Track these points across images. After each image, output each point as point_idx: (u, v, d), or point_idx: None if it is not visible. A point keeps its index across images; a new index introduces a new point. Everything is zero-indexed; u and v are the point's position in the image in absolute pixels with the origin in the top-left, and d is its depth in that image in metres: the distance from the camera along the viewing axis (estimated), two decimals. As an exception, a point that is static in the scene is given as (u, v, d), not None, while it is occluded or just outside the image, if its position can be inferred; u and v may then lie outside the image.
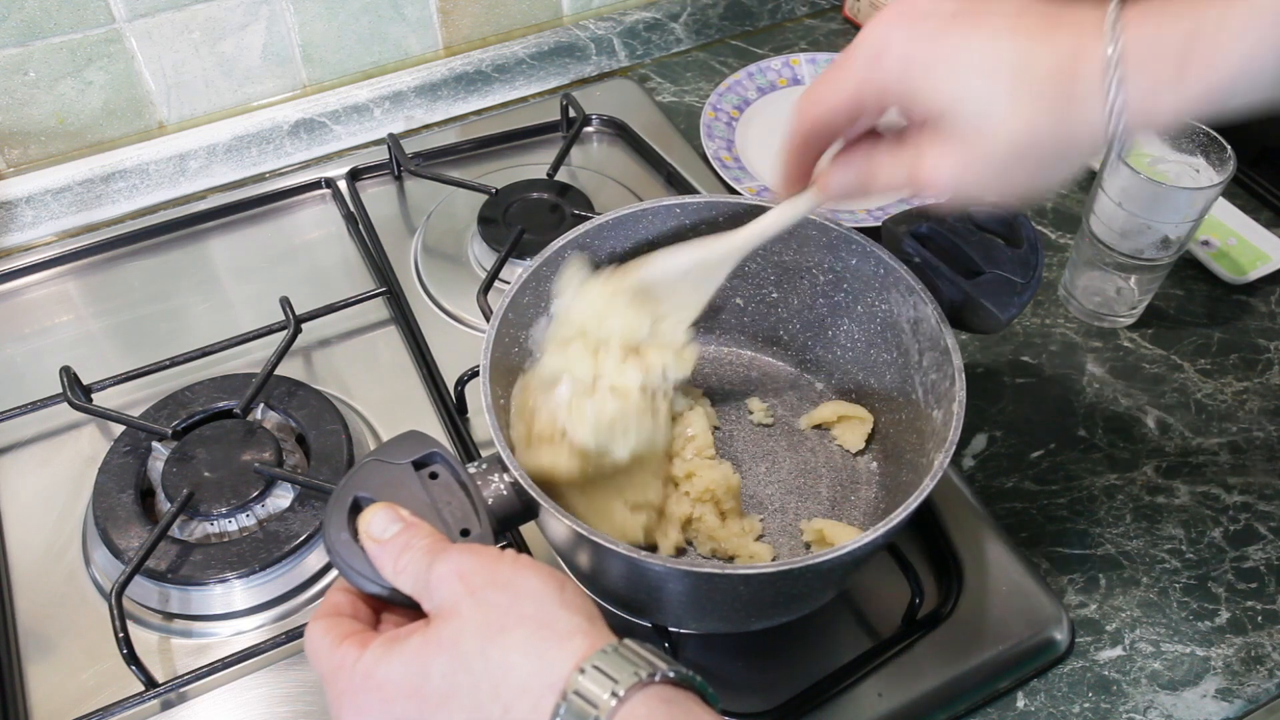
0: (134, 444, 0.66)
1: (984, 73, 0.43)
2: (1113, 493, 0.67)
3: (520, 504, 0.50)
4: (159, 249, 0.83)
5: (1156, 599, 0.62)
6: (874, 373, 0.64)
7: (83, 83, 0.81)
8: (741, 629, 0.58)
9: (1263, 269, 0.78)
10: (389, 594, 0.44)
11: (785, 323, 0.68)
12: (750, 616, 0.55)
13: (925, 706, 0.57)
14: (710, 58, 1.01)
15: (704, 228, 0.62)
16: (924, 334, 0.58)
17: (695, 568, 0.52)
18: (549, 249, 0.60)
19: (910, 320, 0.59)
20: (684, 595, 0.52)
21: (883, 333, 0.62)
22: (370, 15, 0.88)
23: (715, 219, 0.62)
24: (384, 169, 0.88)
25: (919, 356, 0.59)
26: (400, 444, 0.49)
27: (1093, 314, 0.76)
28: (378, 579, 0.44)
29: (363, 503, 0.47)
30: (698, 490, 0.60)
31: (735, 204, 0.62)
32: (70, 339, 0.77)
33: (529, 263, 0.59)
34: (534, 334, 0.61)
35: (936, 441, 0.54)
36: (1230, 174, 0.66)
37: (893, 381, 0.62)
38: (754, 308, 0.68)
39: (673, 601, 0.53)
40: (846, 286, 0.63)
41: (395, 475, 0.48)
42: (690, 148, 0.90)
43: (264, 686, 0.58)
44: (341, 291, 0.76)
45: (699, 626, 0.58)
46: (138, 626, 0.60)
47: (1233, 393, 0.72)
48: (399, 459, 0.48)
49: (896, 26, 0.44)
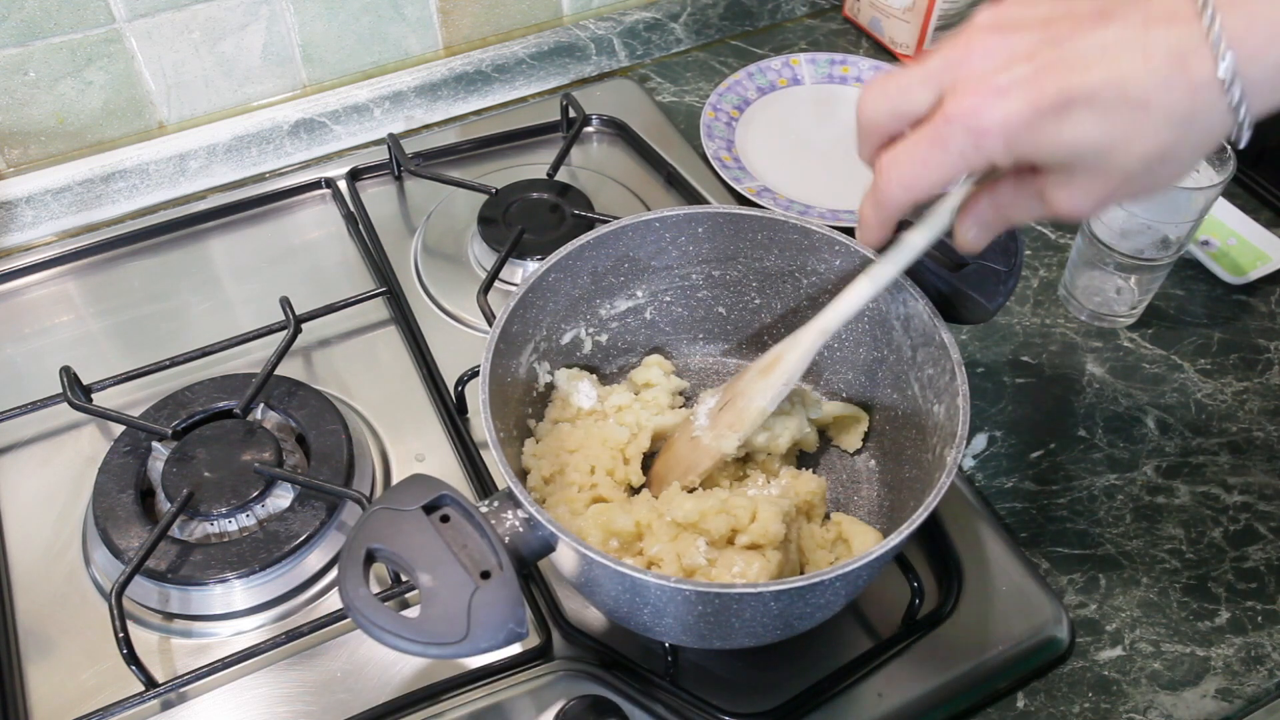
0: (134, 444, 0.66)
1: (1095, 115, 0.40)
2: (1113, 493, 0.67)
3: (537, 539, 0.48)
4: (159, 249, 0.83)
5: (1156, 599, 0.62)
6: (866, 371, 0.64)
7: (83, 83, 0.81)
8: (773, 640, 0.56)
9: (1263, 269, 0.78)
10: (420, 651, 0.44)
11: (770, 329, 0.68)
12: (779, 629, 0.53)
13: (925, 706, 0.57)
14: (710, 58, 1.01)
15: (683, 240, 0.63)
16: (916, 330, 0.58)
17: (762, 587, 0.47)
18: (542, 267, 0.60)
19: (900, 317, 0.59)
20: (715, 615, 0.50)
21: (871, 331, 0.62)
22: (370, 15, 0.88)
23: (694, 230, 0.63)
24: (384, 169, 0.88)
25: (912, 353, 0.59)
26: (407, 489, 0.48)
27: (1093, 314, 0.76)
28: (402, 632, 0.43)
29: (377, 555, 0.46)
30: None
31: (715, 213, 0.62)
32: (70, 339, 0.77)
33: (512, 295, 0.58)
34: (524, 360, 0.61)
35: (943, 437, 0.54)
36: (1230, 174, 0.66)
37: (886, 379, 0.62)
38: (737, 315, 0.68)
39: (690, 622, 0.51)
40: (831, 289, 0.62)
41: (406, 522, 0.46)
42: (690, 148, 0.90)
43: (264, 686, 0.58)
44: (341, 291, 0.76)
45: (729, 644, 0.56)
46: (138, 626, 0.60)
47: (1233, 393, 0.72)
48: (408, 505, 0.47)
49: (984, 98, 0.42)
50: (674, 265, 0.65)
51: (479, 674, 0.58)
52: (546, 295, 0.61)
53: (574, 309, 0.64)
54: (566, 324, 0.64)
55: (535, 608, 0.60)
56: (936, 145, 0.43)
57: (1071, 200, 0.44)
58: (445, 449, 0.69)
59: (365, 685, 0.58)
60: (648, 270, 0.65)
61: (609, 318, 0.66)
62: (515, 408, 0.61)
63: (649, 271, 0.65)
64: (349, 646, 0.59)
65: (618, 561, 0.47)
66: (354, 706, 0.56)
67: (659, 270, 0.65)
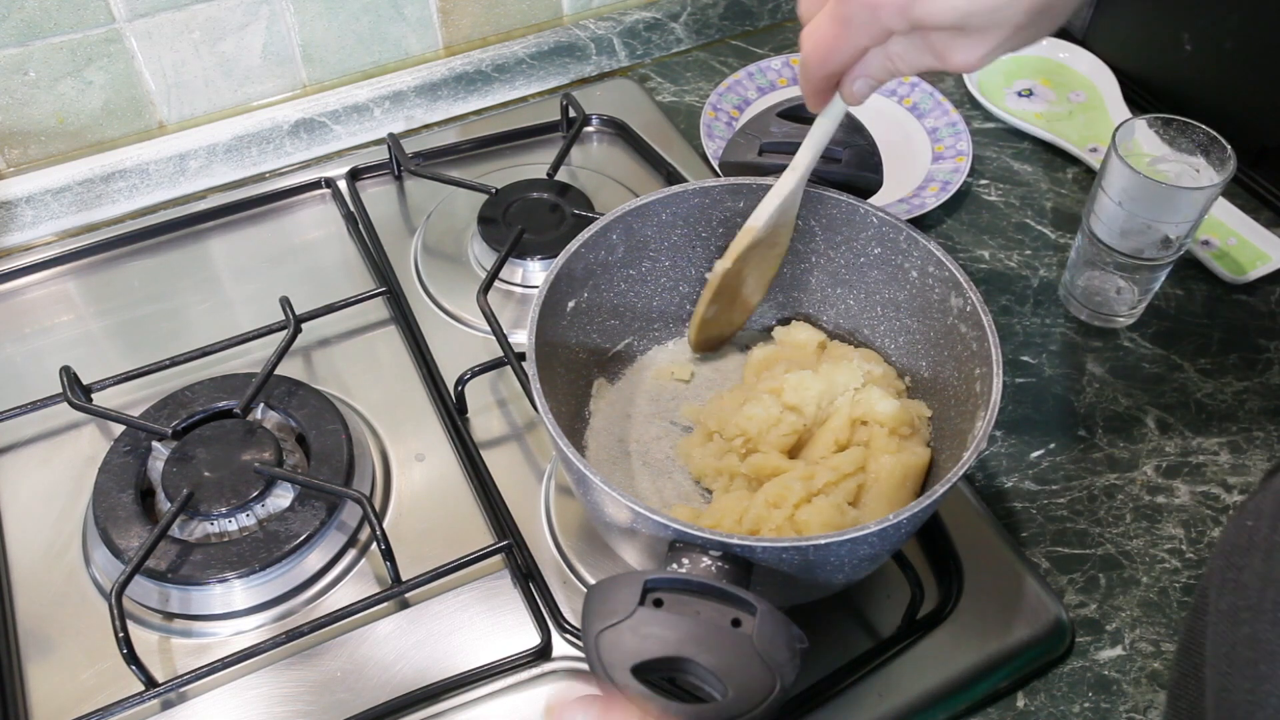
0: (134, 444, 0.66)
1: None
2: (1113, 493, 0.67)
3: (735, 560, 0.47)
4: (159, 249, 0.83)
5: (1156, 599, 0.62)
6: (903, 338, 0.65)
7: (83, 83, 0.81)
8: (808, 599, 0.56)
9: (1263, 269, 0.78)
10: None
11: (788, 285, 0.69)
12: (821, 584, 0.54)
13: (925, 706, 0.57)
14: (710, 57, 1.01)
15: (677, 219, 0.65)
16: (939, 292, 0.60)
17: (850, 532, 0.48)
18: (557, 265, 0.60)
19: (920, 273, 0.61)
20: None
21: (910, 298, 0.63)
22: (370, 15, 0.88)
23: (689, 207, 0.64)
24: (384, 169, 0.88)
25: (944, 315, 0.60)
26: (610, 597, 0.45)
27: (1093, 314, 0.76)
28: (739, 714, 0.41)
29: (656, 671, 0.44)
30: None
31: (697, 189, 0.64)
32: (70, 339, 0.77)
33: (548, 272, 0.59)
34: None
35: (973, 405, 0.55)
36: (1230, 174, 0.66)
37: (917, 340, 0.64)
38: None
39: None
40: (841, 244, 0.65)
41: (644, 628, 0.44)
42: (690, 148, 0.90)
43: (264, 686, 0.58)
44: (341, 291, 0.76)
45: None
46: (138, 626, 0.60)
47: (1233, 393, 0.72)
48: (625, 612, 0.44)
49: None
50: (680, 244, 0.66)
51: (479, 674, 0.58)
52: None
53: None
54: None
55: (535, 608, 0.60)
56: (839, 21, 0.49)
57: (965, 55, 0.48)
58: (445, 449, 0.69)
59: (365, 685, 0.58)
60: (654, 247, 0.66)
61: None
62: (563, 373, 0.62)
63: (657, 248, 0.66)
64: (349, 646, 0.59)
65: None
66: (354, 706, 0.57)
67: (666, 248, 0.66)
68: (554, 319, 0.60)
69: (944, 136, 0.89)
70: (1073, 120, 0.91)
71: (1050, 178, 0.88)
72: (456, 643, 0.60)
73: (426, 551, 0.63)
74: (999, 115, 0.92)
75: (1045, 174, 0.88)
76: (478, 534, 0.64)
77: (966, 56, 0.47)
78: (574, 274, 0.61)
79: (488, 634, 0.60)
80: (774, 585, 0.50)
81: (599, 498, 0.51)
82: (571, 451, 0.50)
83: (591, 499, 0.53)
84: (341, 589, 0.62)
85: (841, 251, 0.65)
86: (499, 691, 0.58)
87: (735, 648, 0.44)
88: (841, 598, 0.60)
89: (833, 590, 0.55)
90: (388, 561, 0.60)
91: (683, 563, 0.47)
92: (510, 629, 0.60)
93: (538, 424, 0.70)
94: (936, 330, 0.61)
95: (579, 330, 0.64)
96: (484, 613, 0.61)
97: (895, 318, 0.65)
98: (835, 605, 0.60)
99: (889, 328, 0.65)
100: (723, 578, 0.46)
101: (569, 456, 0.50)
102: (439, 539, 0.64)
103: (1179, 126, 0.69)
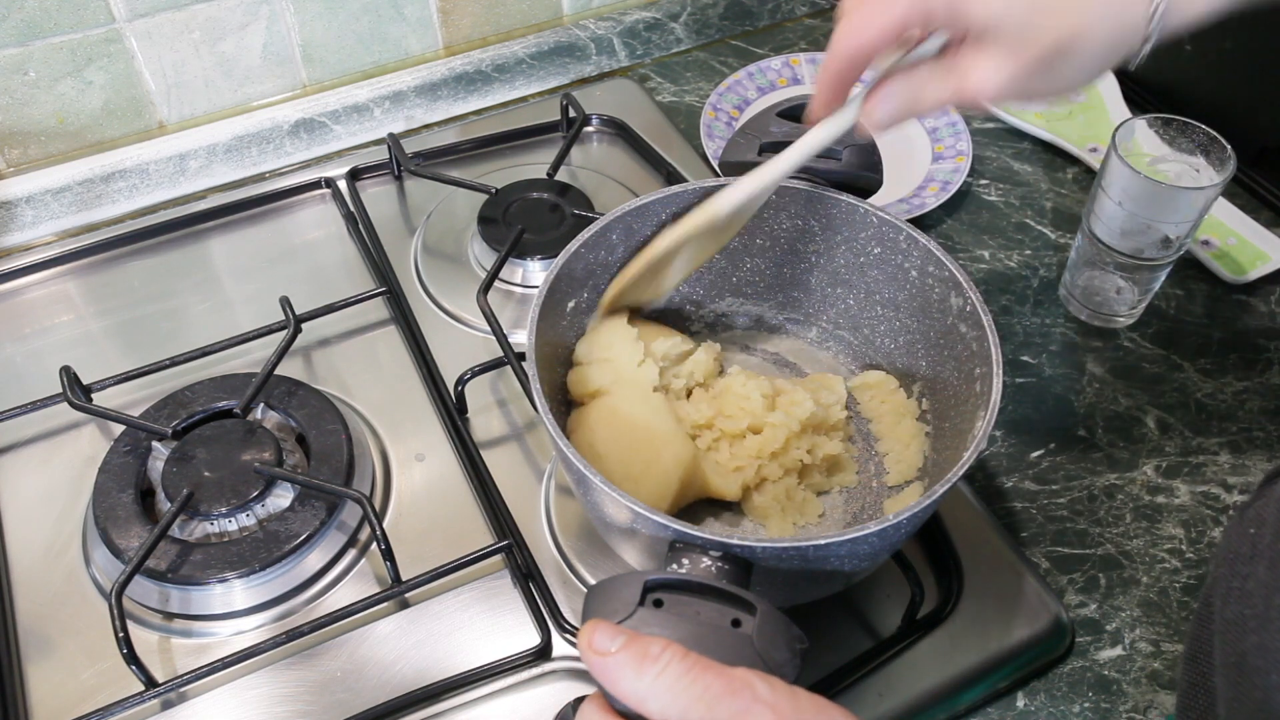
0: (134, 444, 0.66)
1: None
2: (1113, 493, 0.67)
3: (736, 560, 0.47)
4: (159, 249, 0.83)
5: (1156, 599, 0.62)
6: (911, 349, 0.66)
7: (83, 83, 0.81)
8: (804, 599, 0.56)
9: (1263, 269, 0.78)
10: None
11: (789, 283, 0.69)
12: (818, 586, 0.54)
13: (925, 706, 0.57)
14: (710, 58, 1.01)
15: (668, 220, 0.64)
16: (939, 292, 0.60)
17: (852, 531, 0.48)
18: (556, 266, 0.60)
19: (919, 273, 0.61)
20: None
21: (910, 298, 0.63)
22: (370, 15, 0.88)
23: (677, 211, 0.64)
24: (384, 169, 0.88)
25: (946, 318, 0.60)
26: (611, 596, 0.45)
27: (1093, 314, 0.76)
28: None
29: None
30: None
31: (697, 189, 0.63)
32: (70, 339, 0.77)
33: (545, 276, 0.59)
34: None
35: (975, 403, 0.55)
36: (1230, 174, 0.66)
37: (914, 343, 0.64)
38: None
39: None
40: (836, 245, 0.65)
41: (644, 628, 0.44)
42: (690, 148, 0.90)
43: (264, 686, 0.58)
44: (341, 291, 0.76)
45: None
46: (138, 626, 0.60)
47: (1233, 393, 0.72)
48: (626, 610, 0.44)
49: None
50: None
51: (479, 674, 0.58)
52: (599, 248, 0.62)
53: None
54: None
55: (535, 608, 0.60)
56: None
57: (985, 75, 0.48)
58: (445, 449, 0.69)
59: (365, 685, 0.58)
60: None
61: None
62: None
63: None
64: (349, 646, 0.59)
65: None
66: (354, 706, 0.56)
67: None
68: (554, 319, 0.60)
69: (944, 136, 0.89)
70: (1073, 120, 0.91)
71: (1050, 178, 0.88)
72: (456, 643, 0.60)
73: (426, 551, 0.63)
74: (999, 115, 0.92)
75: (1045, 174, 0.88)
76: (478, 534, 0.64)
77: (986, 77, 0.48)
78: (574, 274, 0.61)
79: (488, 634, 0.60)
80: (774, 585, 0.51)
81: (599, 497, 0.51)
82: (571, 451, 0.50)
83: (591, 499, 0.53)
84: (341, 589, 0.62)
85: (841, 251, 0.65)
86: (499, 691, 0.58)
87: (735, 648, 0.44)
88: (841, 598, 0.60)
89: (833, 590, 0.55)
90: (388, 561, 0.60)
91: (683, 563, 0.47)
92: (510, 629, 0.60)
93: (538, 424, 0.70)
94: (936, 330, 0.61)
95: (579, 330, 0.64)
96: (484, 613, 0.61)
97: (895, 318, 0.65)
98: (835, 605, 0.60)
99: (889, 328, 0.65)
100: (723, 578, 0.47)
101: (569, 456, 0.50)
102: (439, 539, 0.64)
103: (1179, 126, 0.69)
